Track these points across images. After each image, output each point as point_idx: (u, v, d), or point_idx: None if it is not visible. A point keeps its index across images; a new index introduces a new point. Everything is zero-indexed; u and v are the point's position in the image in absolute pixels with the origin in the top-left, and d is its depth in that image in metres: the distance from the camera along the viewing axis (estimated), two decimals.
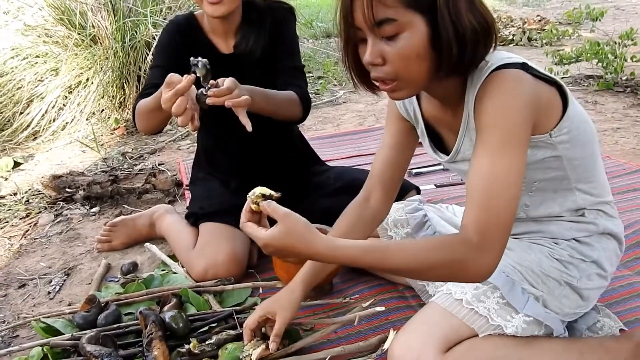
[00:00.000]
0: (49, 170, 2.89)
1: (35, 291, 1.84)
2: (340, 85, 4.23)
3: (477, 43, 1.05)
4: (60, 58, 3.55)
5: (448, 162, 1.31)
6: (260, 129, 1.91)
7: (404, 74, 1.05)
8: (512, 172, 1.03)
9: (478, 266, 1.01)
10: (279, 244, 1.05)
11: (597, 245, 1.32)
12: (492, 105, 1.06)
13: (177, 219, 1.99)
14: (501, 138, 1.04)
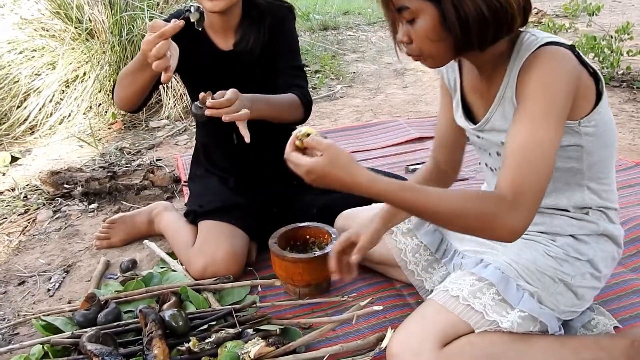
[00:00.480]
0: (47, 166, 2.89)
1: (35, 288, 1.85)
2: (338, 79, 4.23)
3: (486, 26, 1.11)
4: (57, 52, 3.54)
5: (475, 130, 1.36)
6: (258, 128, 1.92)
7: (425, 51, 1.17)
8: (549, 141, 1.09)
9: (508, 224, 1.05)
10: (322, 171, 1.09)
11: (594, 245, 1.34)
12: (538, 76, 1.13)
13: (175, 216, 2.00)
14: (543, 107, 1.10)
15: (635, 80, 3.80)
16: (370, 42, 5.44)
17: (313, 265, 1.62)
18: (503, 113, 1.26)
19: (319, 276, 1.65)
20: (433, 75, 4.25)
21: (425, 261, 1.59)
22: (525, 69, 1.16)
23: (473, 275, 1.30)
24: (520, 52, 1.19)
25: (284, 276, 1.66)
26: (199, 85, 1.87)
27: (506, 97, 1.24)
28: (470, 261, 1.40)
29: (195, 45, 1.79)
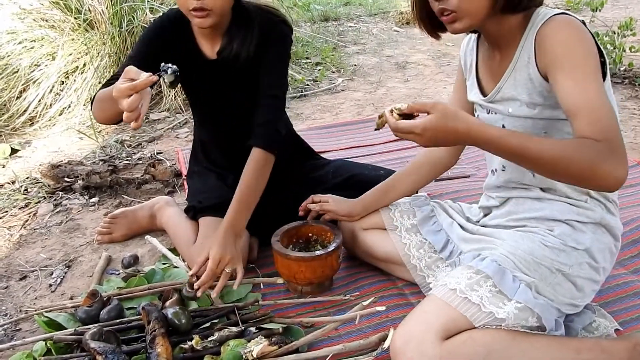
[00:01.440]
0: (47, 158, 2.88)
1: (37, 283, 1.85)
2: (339, 72, 4.22)
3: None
4: (57, 43, 3.51)
5: (486, 102, 1.41)
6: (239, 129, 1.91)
7: (464, 6, 1.22)
8: (601, 89, 1.14)
9: (612, 171, 1.07)
10: (437, 125, 1.12)
11: (591, 234, 1.37)
12: (565, 37, 1.19)
13: (177, 212, 1.99)
14: (582, 64, 1.15)
15: (638, 77, 3.78)
16: (372, 34, 5.42)
17: (315, 264, 1.62)
18: (514, 81, 1.32)
19: (322, 275, 1.65)
20: (435, 69, 4.24)
21: (429, 258, 1.60)
22: (544, 34, 1.22)
23: (470, 269, 1.32)
24: (535, 22, 1.26)
25: (286, 274, 1.66)
26: (190, 93, 1.91)
27: (519, 65, 1.30)
28: (468, 255, 1.43)
29: (181, 50, 1.75)
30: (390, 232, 1.67)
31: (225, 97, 1.84)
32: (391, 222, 1.67)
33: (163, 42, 1.73)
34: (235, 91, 1.82)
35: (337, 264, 1.67)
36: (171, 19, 1.76)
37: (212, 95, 1.85)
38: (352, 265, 1.82)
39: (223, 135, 1.93)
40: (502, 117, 1.37)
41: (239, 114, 1.85)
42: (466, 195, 2.21)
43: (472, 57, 1.50)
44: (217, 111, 1.89)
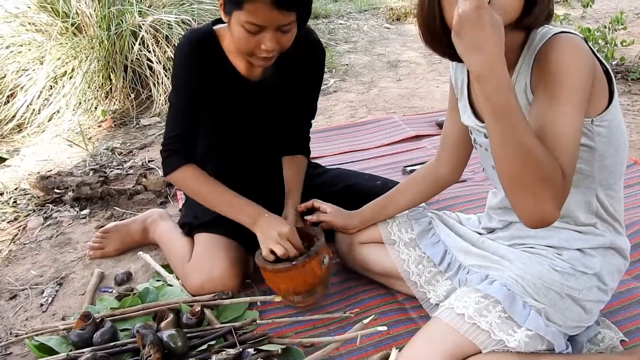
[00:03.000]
0: (36, 167, 2.83)
1: (27, 303, 1.80)
2: (331, 72, 4.17)
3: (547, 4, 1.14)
4: (45, 47, 3.45)
5: (484, 128, 1.31)
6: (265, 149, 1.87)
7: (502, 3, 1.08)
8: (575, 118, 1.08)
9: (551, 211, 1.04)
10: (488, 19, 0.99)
11: (601, 258, 1.33)
12: (556, 59, 1.11)
13: (171, 226, 1.95)
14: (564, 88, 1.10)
15: (631, 72, 3.77)
16: (362, 31, 5.38)
17: (293, 274, 1.55)
18: None
19: (304, 283, 1.57)
20: (427, 68, 4.21)
21: (428, 273, 1.56)
22: (540, 56, 1.16)
23: (479, 292, 1.28)
24: (534, 43, 1.19)
25: (271, 286, 1.62)
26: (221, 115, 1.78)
27: (518, 90, 1.23)
28: (475, 277, 1.38)
29: (217, 72, 1.68)
30: (389, 247, 1.63)
31: (257, 116, 1.78)
32: (389, 237, 1.64)
33: (199, 68, 1.64)
34: (268, 110, 1.78)
35: (320, 269, 1.57)
36: (199, 40, 1.65)
37: (244, 114, 1.77)
38: (350, 278, 1.79)
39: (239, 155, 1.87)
40: None
41: (264, 132, 1.83)
42: (463, 202, 2.19)
43: (463, 77, 1.41)
44: (242, 130, 1.81)
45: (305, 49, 1.70)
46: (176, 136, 1.66)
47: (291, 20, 1.46)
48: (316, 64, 1.79)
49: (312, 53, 1.75)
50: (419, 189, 1.66)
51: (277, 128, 1.85)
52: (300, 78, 1.76)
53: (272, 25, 1.44)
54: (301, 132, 1.92)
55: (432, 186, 1.65)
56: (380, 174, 2.38)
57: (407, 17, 5.70)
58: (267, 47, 1.47)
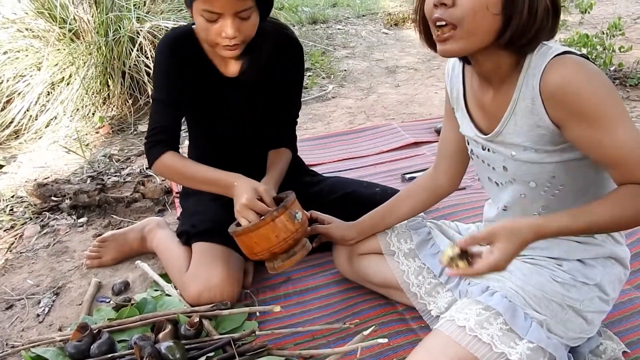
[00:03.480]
0: (33, 174, 2.81)
1: (24, 313, 1.78)
2: (329, 78, 4.17)
3: (545, 22, 1.10)
4: (42, 53, 3.44)
5: (486, 141, 1.32)
6: (253, 152, 1.87)
7: (467, 22, 1.08)
8: (633, 129, 1.09)
9: None
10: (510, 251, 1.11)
11: (601, 268, 1.32)
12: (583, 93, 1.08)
13: (168, 235, 1.93)
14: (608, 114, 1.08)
15: (628, 77, 3.76)
16: (360, 37, 5.37)
17: (264, 231, 1.47)
18: (515, 126, 1.22)
19: (277, 240, 1.49)
20: (425, 73, 4.20)
21: (428, 284, 1.55)
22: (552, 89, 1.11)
23: (479, 304, 1.27)
24: (534, 62, 1.15)
25: (248, 252, 1.55)
26: (204, 115, 1.81)
27: (519, 109, 1.20)
28: (476, 289, 1.36)
29: (197, 70, 1.71)
30: (388, 258, 1.62)
31: (240, 114, 1.80)
32: (388, 247, 1.62)
33: (179, 67, 1.69)
34: (250, 108, 1.80)
35: (293, 224, 1.49)
36: (177, 39, 1.70)
37: (226, 112, 1.80)
38: (349, 288, 1.78)
39: (227, 154, 1.87)
40: (504, 158, 1.29)
41: (249, 130, 1.85)
42: (463, 210, 2.18)
43: (459, 87, 1.39)
44: (227, 128, 1.84)
45: (281, 46, 1.75)
46: (157, 128, 1.70)
47: (248, 6, 1.49)
48: (294, 61, 1.81)
49: (289, 50, 1.78)
50: (418, 198, 1.63)
51: (259, 125, 1.85)
52: (278, 75, 1.77)
53: (228, 10, 1.47)
54: (286, 128, 1.93)
55: (431, 196, 1.63)
56: (379, 182, 2.37)
57: (404, 22, 5.69)
58: (227, 34, 1.49)
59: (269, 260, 1.55)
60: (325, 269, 1.88)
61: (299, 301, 1.74)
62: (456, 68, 1.41)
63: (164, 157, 1.68)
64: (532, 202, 1.30)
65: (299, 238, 1.54)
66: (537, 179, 1.24)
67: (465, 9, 1.08)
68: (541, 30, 1.10)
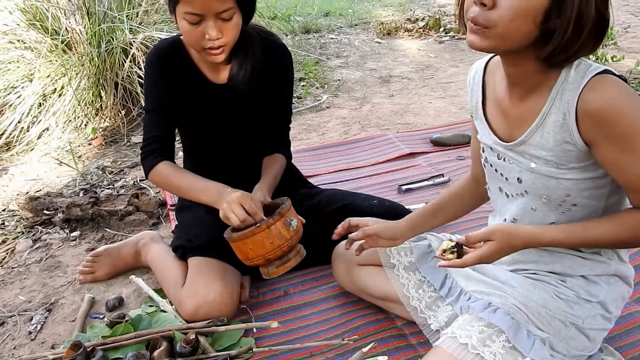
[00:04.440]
0: (25, 187, 2.78)
1: (15, 330, 1.75)
2: (323, 88, 4.15)
3: (590, 36, 1.05)
4: (34, 64, 3.41)
5: (504, 149, 1.29)
6: (247, 160, 1.85)
7: (502, 27, 1.05)
8: None
9: None
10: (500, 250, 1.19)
11: (605, 285, 1.30)
12: (619, 115, 1.07)
13: (163, 249, 1.91)
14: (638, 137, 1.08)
15: None
16: (353, 46, 5.37)
17: (259, 237, 1.48)
18: (541, 138, 1.19)
19: (272, 247, 1.49)
20: (419, 83, 4.20)
21: (429, 298, 1.53)
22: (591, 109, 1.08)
23: (482, 321, 1.25)
24: (572, 78, 1.11)
25: (243, 258, 1.55)
26: (196, 123, 1.80)
27: (549, 123, 1.17)
28: (478, 305, 1.34)
29: (185, 78, 1.72)
30: (388, 271, 1.60)
31: (231, 121, 1.80)
32: (388, 260, 1.60)
33: (167, 77, 1.70)
34: (241, 114, 1.79)
35: (287, 231, 1.50)
36: (165, 49, 1.72)
37: (217, 120, 1.79)
38: (347, 303, 1.76)
39: (221, 163, 1.86)
40: (520, 169, 1.26)
41: (241, 137, 1.84)
42: (462, 221, 2.15)
43: (479, 95, 1.37)
44: (219, 137, 1.83)
45: (269, 53, 1.76)
46: (151, 138, 1.73)
47: (229, 7, 1.50)
48: (283, 68, 1.81)
49: (277, 56, 1.79)
50: (465, 201, 1.59)
51: (251, 131, 1.85)
52: (268, 79, 1.78)
53: (209, 12, 1.49)
54: (279, 133, 1.94)
55: (475, 198, 1.58)
56: (375, 193, 2.36)
57: (397, 31, 5.70)
58: (211, 36, 1.51)
59: (263, 266, 1.56)
60: (323, 282, 1.86)
61: (296, 316, 1.72)
62: (476, 76, 1.39)
63: (158, 166, 1.70)
64: (542, 217, 1.27)
65: (293, 245, 1.55)
66: (551, 194, 1.22)
67: (503, 16, 1.04)
68: (584, 47, 1.06)
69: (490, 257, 1.19)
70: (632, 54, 4.36)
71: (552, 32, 1.05)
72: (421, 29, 5.71)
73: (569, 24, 1.02)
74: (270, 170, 1.82)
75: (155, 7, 3.79)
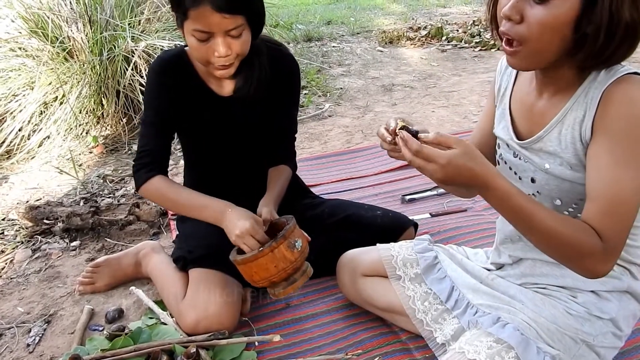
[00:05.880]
0: (25, 195, 2.76)
1: (13, 342, 1.72)
2: (325, 96, 4.14)
3: (625, 41, 1.03)
4: (35, 72, 3.39)
5: (520, 147, 1.26)
6: (251, 171, 1.83)
7: (534, 41, 1.04)
8: (636, 183, 1.04)
9: (598, 269, 1.07)
10: (458, 162, 1.02)
11: (617, 302, 1.27)
12: (628, 112, 1.04)
13: (164, 260, 1.88)
14: (631, 150, 1.04)
15: None
16: (355, 54, 5.36)
17: (263, 261, 1.45)
18: (559, 135, 1.16)
19: (277, 270, 1.47)
20: (421, 92, 4.18)
21: (435, 310, 1.50)
22: (610, 96, 1.06)
23: (490, 336, 1.22)
24: (600, 76, 1.09)
25: (249, 280, 1.53)
26: (200, 136, 1.77)
27: (568, 119, 1.14)
28: (486, 319, 1.31)
29: (189, 92, 1.68)
30: (394, 282, 1.57)
31: (236, 133, 1.76)
32: (394, 271, 1.58)
33: (170, 89, 1.66)
34: (247, 126, 1.76)
35: (292, 253, 1.47)
36: (170, 60, 1.67)
37: (222, 132, 1.76)
38: (350, 315, 1.73)
39: (225, 175, 1.84)
40: (535, 169, 1.23)
41: (246, 149, 1.81)
42: (466, 232, 2.14)
43: (509, 84, 1.33)
44: (224, 149, 1.80)
45: (276, 63, 1.72)
46: (145, 151, 1.69)
47: (238, 24, 1.46)
48: (290, 78, 1.79)
49: (285, 67, 1.76)
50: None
51: (256, 143, 1.82)
52: (274, 93, 1.75)
53: (219, 30, 1.45)
54: (284, 146, 1.91)
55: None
56: (378, 203, 2.34)
57: (399, 40, 5.69)
58: (219, 53, 1.47)
59: (270, 287, 1.53)
60: (326, 294, 1.83)
61: (298, 329, 1.69)
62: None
63: (151, 181, 1.66)
64: None
65: (298, 266, 1.52)
66: (565, 197, 1.19)
67: (532, 29, 1.04)
68: (616, 53, 1.04)
69: (447, 161, 1.02)
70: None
71: (586, 39, 1.03)
72: (423, 38, 5.70)
73: (600, 30, 1.00)
74: (276, 184, 1.80)
75: (158, 15, 3.78)
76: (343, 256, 1.75)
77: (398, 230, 1.88)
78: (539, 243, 1.10)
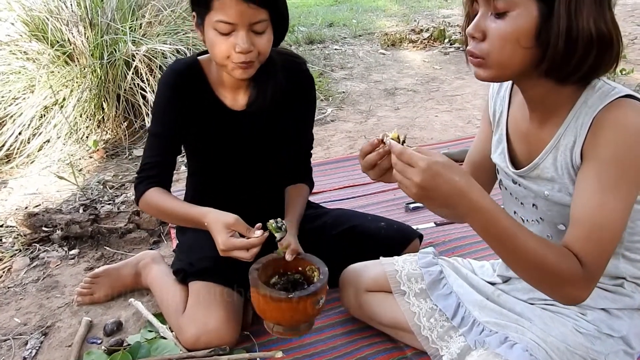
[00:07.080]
0: (24, 201, 2.72)
1: (9, 355, 1.69)
2: (327, 100, 4.10)
3: (589, 51, 1.00)
4: (35, 75, 3.36)
5: (517, 175, 1.24)
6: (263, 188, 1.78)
7: (496, 57, 1.05)
8: (620, 210, 1.03)
9: (576, 295, 1.04)
10: (440, 169, 0.97)
11: (628, 320, 1.24)
12: (617, 137, 1.02)
13: (164, 271, 1.84)
14: (618, 176, 1.02)
15: None
16: (358, 57, 5.32)
17: (284, 306, 1.41)
18: (554, 161, 1.14)
19: (291, 319, 1.45)
20: (425, 96, 4.15)
21: (441, 327, 1.46)
22: (600, 125, 1.04)
23: (498, 357, 1.19)
24: (592, 100, 1.07)
25: (256, 308, 1.49)
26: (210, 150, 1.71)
27: (562, 145, 1.12)
28: (494, 339, 1.28)
29: (200, 104, 1.63)
30: (398, 298, 1.53)
31: (248, 148, 1.71)
32: (398, 287, 1.54)
33: (180, 103, 1.62)
34: (259, 142, 1.71)
35: (312, 309, 1.44)
36: (182, 72, 1.62)
37: (234, 147, 1.70)
38: (354, 330, 1.69)
39: (235, 191, 1.79)
40: (535, 196, 1.21)
41: (258, 165, 1.76)
42: (472, 242, 2.10)
43: (503, 109, 1.31)
44: (235, 165, 1.74)
45: (292, 78, 1.68)
46: (149, 164, 1.65)
47: (262, 18, 1.43)
48: (304, 93, 1.75)
49: (300, 81, 1.72)
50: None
51: (265, 159, 1.76)
52: (288, 107, 1.70)
53: (243, 21, 1.41)
54: (300, 162, 1.88)
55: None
56: (382, 211, 2.31)
57: (402, 42, 5.65)
58: (241, 47, 1.42)
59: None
60: (329, 307, 1.79)
61: (301, 344, 1.65)
62: (502, 90, 1.33)
63: (148, 193, 1.63)
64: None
65: (311, 320, 1.50)
66: (568, 222, 1.16)
67: (493, 44, 1.04)
68: (584, 61, 1.01)
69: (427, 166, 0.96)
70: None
71: (548, 47, 1.02)
72: (425, 40, 5.66)
73: (558, 37, 0.99)
74: (296, 205, 1.76)
75: (159, 18, 3.75)
76: (345, 271, 1.71)
77: (403, 242, 1.85)
78: (518, 267, 1.06)
